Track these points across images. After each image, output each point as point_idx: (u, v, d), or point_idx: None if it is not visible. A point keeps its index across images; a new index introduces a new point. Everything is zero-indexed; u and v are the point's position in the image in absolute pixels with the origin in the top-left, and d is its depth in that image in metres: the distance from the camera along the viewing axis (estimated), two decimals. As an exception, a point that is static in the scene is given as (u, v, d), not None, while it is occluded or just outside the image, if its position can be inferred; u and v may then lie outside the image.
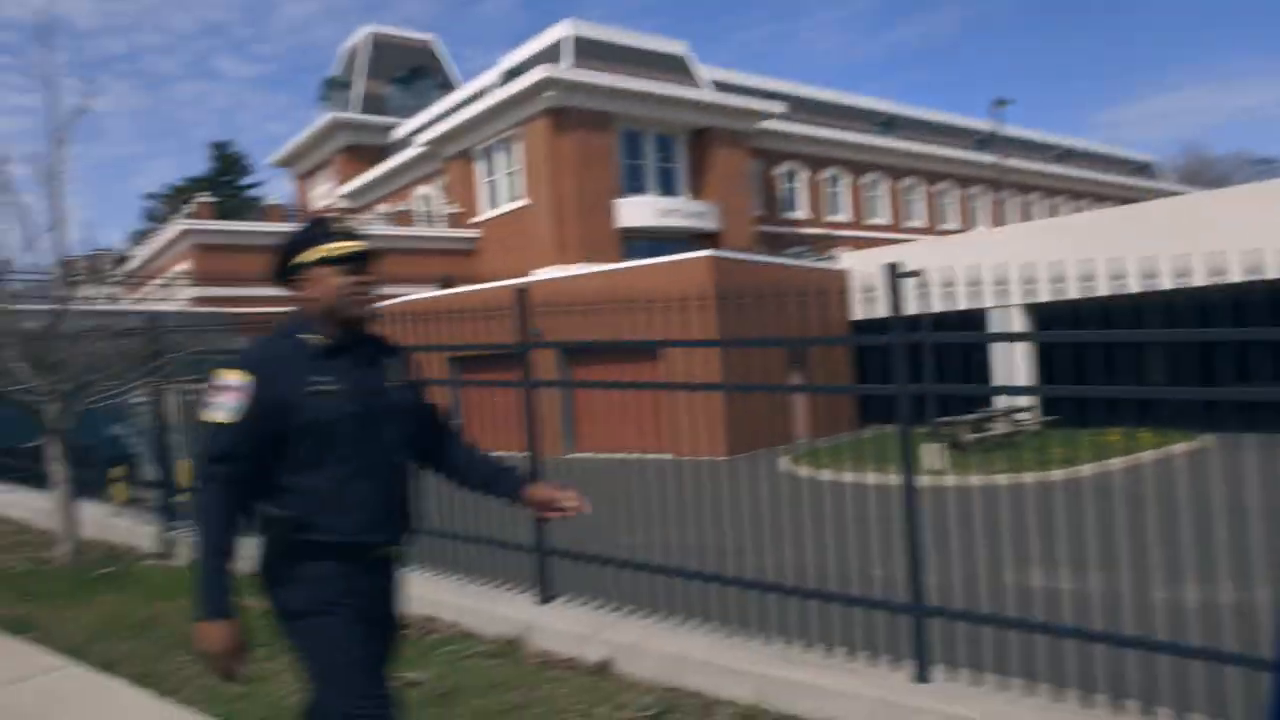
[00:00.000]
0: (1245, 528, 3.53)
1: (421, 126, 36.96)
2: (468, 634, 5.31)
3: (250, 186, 54.11)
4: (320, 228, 2.49)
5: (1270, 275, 7.50)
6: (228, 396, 2.30)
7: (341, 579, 2.35)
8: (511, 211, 30.74)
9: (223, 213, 30.58)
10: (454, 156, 33.27)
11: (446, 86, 42.68)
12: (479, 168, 32.51)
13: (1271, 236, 7.80)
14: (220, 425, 2.28)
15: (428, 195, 36.32)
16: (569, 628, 5.04)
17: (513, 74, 31.80)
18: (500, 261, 30.18)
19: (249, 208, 36.39)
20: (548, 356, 14.35)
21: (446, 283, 28.93)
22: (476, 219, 32.32)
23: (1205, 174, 62.55)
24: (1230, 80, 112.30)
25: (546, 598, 5.52)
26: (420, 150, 34.74)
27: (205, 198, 28.27)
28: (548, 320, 5.64)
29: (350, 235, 2.49)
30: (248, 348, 2.43)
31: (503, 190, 31.48)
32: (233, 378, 2.32)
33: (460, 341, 5.64)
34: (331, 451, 2.33)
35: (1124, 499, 3.69)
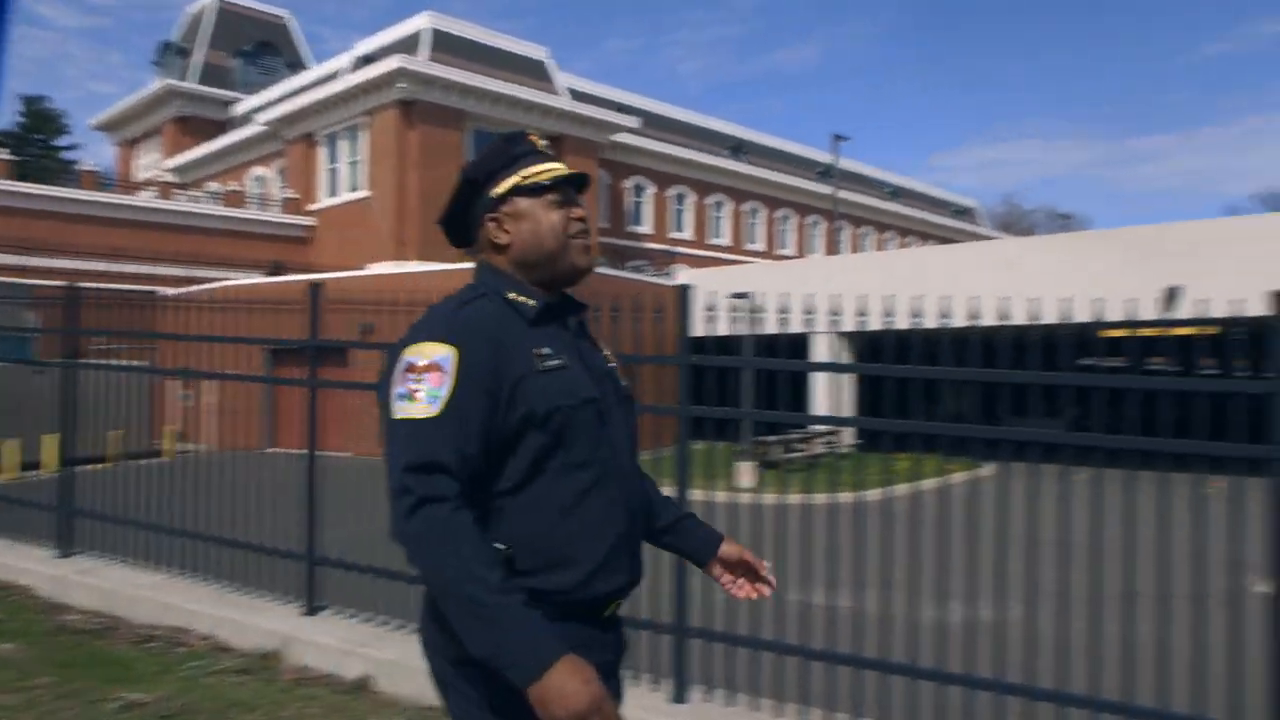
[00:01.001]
0: (1011, 551, 3.74)
1: (264, 105, 35.23)
2: (223, 647, 4.97)
3: (65, 149, 50.04)
4: (517, 146, 1.82)
5: (1047, 320, 8.11)
6: (432, 379, 1.57)
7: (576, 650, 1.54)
8: (351, 202, 29.71)
9: (25, 173, 28.07)
10: (296, 139, 31.86)
11: (296, 66, 40.86)
12: (321, 153, 31.25)
13: (1060, 284, 8.53)
14: (424, 422, 1.55)
15: (264, 177, 34.63)
16: (332, 641, 4.80)
17: (366, 60, 30.80)
18: (335, 252, 29.11)
19: (60, 171, 33.55)
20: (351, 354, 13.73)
21: (276, 269, 27.63)
22: (314, 206, 31.03)
23: (1019, 223, 67.64)
24: (1050, 140, 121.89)
25: (313, 609, 5.25)
26: (260, 129, 33.11)
27: (4, 155, 25.74)
28: (336, 317, 5.39)
29: (552, 156, 1.85)
30: (441, 313, 1.67)
31: (344, 179, 30.37)
32: (436, 352, 1.58)
33: (278, 335, 5.30)
34: (563, 457, 1.65)
35: (904, 522, 3.87)
